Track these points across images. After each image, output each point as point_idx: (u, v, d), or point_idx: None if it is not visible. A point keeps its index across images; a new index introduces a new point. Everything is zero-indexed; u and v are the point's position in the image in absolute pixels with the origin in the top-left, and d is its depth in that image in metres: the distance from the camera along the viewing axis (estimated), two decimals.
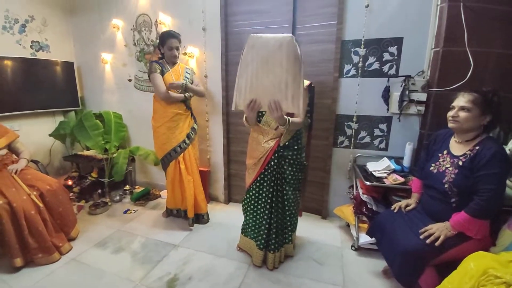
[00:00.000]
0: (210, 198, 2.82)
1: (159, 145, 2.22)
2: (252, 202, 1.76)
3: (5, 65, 2.47)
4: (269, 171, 1.66)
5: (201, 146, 2.74)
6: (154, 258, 1.89)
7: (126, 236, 2.14)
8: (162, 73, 2.11)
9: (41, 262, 1.76)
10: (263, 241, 1.74)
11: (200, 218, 2.34)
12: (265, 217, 1.71)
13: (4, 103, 2.49)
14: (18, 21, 2.60)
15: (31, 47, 2.73)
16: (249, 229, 1.84)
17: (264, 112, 1.68)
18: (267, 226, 1.72)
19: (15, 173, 1.92)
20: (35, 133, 2.79)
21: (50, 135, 2.81)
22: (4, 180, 1.84)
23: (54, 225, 1.89)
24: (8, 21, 2.53)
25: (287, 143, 1.65)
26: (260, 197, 1.72)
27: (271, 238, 1.74)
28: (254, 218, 1.78)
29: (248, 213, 1.82)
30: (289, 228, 1.81)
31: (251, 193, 1.75)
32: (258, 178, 1.70)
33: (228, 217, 2.45)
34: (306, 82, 1.66)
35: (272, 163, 1.65)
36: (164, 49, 2.13)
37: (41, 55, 2.80)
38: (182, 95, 2.15)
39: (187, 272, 1.75)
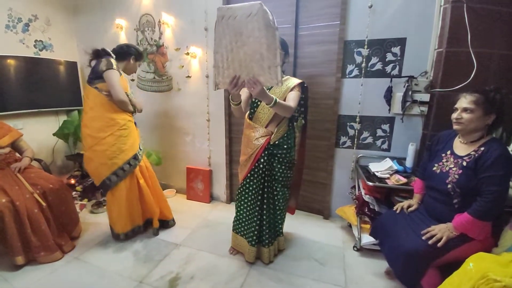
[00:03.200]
0: (212, 197, 2.82)
1: (104, 161, 1.84)
2: (243, 197, 1.78)
3: (9, 64, 2.49)
4: (260, 167, 1.68)
5: (202, 146, 2.75)
6: (156, 257, 1.89)
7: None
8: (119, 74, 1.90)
9: (43, 260, 1.77)
10: (254, 237, 1.75)
11: (166, 224, 2.23)
12: (256, 213, 1.73)
13: (7, 102, 2.51)
14: (22, 20, 2.61)
15: (34, 46, 2.74)
16: (240, 225, 1.85)
17: (256, 109, 1.71)
18: (258, 222, 1.74)
19: (18, 171, 1.93)
20: (38, 132, 2.80)
21: (54, 134, 2.82)
22: (7, 178, 1.85)
23: (57, 224, 1.89)
24: (12, 20, 2.54)
25: (277, 142, 1.67)
26: (250, 193, 1.74)
27: (263, 233, 1.75)
28: (245, 214, 1.79)
29: (239, 208, 1.83)
30: (279, 222, 1.84)
31: (242, 189, 1.78)
32: (249, 174, 1.72)
33: (230, 217, 2.41)
34: (297, 81, 1.66)
35: (262, 160, 1.67)
36: (134, 63, 2.02)
37: (44, 55, 2.81)
38: (131, 106, 1.95)
39: (189, 271, 1.75)
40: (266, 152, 1.67)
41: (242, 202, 1.79)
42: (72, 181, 2.73)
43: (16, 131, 2.12)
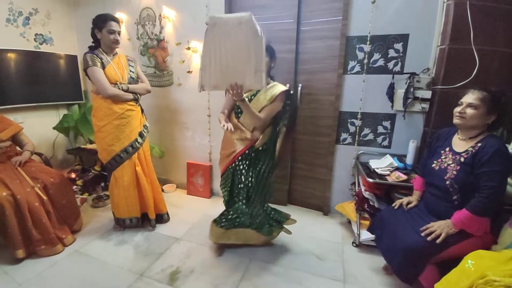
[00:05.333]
0: (212, 193, 2.83)
1: (104, 147, 1.92)
2: (225, 189, 1.80)
3: (9, 58, 2.47)
4: (238, 165, 1.71)
5: (202, 141, 2.75)
6: (156, 250, 1.90)
7: (129, 229, 2.15)
8: (103, 66, 1.83)
9: (44, 253, 1.78)
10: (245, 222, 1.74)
11: (160, 219, 2.23)
12: (240, 202, 1.72)
13: (7, 96, 2.50)
14: (22, 13, 2.59)
15: (35, 40, 2.72)
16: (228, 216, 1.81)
17: (240, 115, 1.71)
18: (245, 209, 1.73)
19: (19, 165, 1.94)
20: (39, 126, 2.79)
21: (54, 128, 2.82)
22: (8, 172, 1.86)
23: (58, 217, 1.90)
24: (12, 13, 2.52)
25: (261, 148, 1.69)
26: (230, 184, 1.76)
27: (252, 219, 1.74)
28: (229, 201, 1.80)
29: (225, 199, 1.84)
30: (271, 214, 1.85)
31: (223, 182, 1.81)
32: (229, 167, 1.75)
33: None
34: (282, 88, 1.64)
35: (241, 158, 1.70)
36: (102, 33, 1.83)
37: (44, 48, 2.79)
38: (131, 94, 1.93)
39: (189, 265, 1.77)
40: (247, 152, 1.69)
41: (226, 193, 1.80)
42: (73, 175, 2.74)
43: (17, 125, 2.12)
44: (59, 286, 1.57)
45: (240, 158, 1.71)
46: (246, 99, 1.51)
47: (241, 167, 1.71)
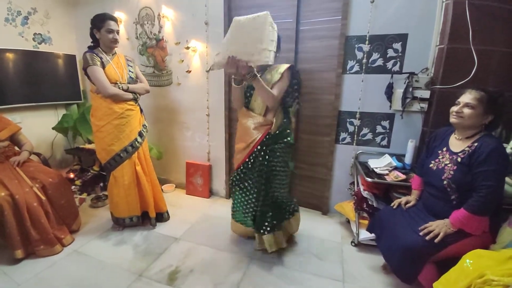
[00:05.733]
0: (211, 193, 2.83)
1: (103, 147, 1.92)
2: (241, 183, 1.82)
3: (8, 58, 2.47)
4: (258, 154, 1.71)
5: (202, 141, 2.75)
6: (155, 250, 1.90)
7: (128, 229, 2.15)
8: (103, 66, 1.83)
9: (43, 253, 1.77)
10: (251, 221, 1.79)
11: (160, 217, 2.23)
12: (254, 199, 1.77)
13: (6, 96, 2.49)
14: (21, 13, 2.58)
15: (33, 39, 2.71)
16: (238, 212, 1.89)
17: (250, 98, 1.75)
18: (255, 208, 1.77)
19: (17, 165, 1.93)
20: (37, 126, 2.79)
21: (53, 128, 2.82)
22: (6, 172, 1.85)
23: (56, 217, 1.90)
24: (11, 13, 2.51)
25: (277, 132, 1.71)
26: (247, 177, 1.77)
27: (262, 219, 1.74)
28: (242, 199, 1.83)
29: (236, 194, 1.86)
30: (284, 202, 1.81)
31: (238, 175, 1.81)
32: (247, 160, 1.75)
33: (229, 212, 2.44)
34: (287, 65, 1.71)
35: (260, 147, 1.70)
36: (101, 33, 1.83)
37: (43, 48, 2.79)
38: (131, 94, 1.94)
39: (189, 264, 1.77)
40: (265, 140, 1.70)
41: (238, 188, 1.83)
42: (71, 175, 2.73)
43: (15, 124, 2.11)
44: (58, 287, 1.56)
45: (259, 147, 1.70)
46: (258, 75, 1.53)
47: (260, 157, 1.71)
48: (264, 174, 1.71)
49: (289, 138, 1.74)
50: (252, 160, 1.74)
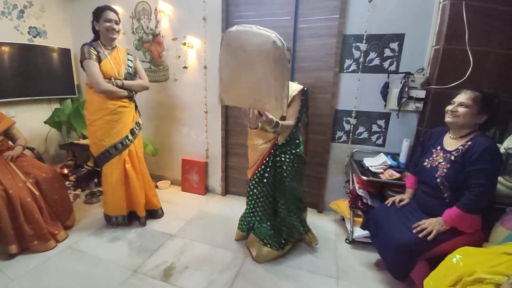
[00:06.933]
0: (207, 190, 2.83)
1: (94, 141, 1.92)
2: (255, 191, 1.78)
3: (2, 51, 2.42)
4: (268, 163, 1.70)
5: (199, 138, 2.74)
6: (150, 247, 1.90)
7: (122, 226, 2.14)
8: (99, 60, 1.81)
9: (37, 249, 1.76)
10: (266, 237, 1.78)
11: (154, 214, 2.22)
12: (267, 207, 1.76)
13: (0, 89, 2.45)
14: (17, 6, 2.54)
15: (28, 33, 2.67)
16: (246, 221, 1.89)
17: None
18: (269, 220, 1.77)
19: (11, 160, 1.91)
20: (31, 120, 2.75)
21: (45, 122, 2.78)
22: (0, 166, 1.82)
23: (50, 213, 1.88)
24: (7, 6, 2.47)
25: (285, 141, 1.69)
26: (262, 184, 1.74)
27: (276, 234, 1.78)
28: (253, 209, 1.81)
29: (251, 203, 1.83)
30: (294, 219, 1.81)
31: (252, 184, 1.78)
32: (259, 169, 1.74)
33: (225, 209, 2.47)
34: (299, 87, 1.67)
35: (270, 157, 1.70)
36: (100, 23, 1.81)
37: (38, 41, 2.74)
38: (125, 91, 1.89)
39: (184, 261, 1.77)
40: (273, 151, 1.70)
41: (254, 196, 1.79)
42: (65, 171, 2.70)
43: (9, 118, 2.09)
44: (52, 282, 1.56)
45: (267, 159, 1.70)
46: (279, 123, 1.47)
47: (269, 168, 1.71)
48: (271, 183, 1.72)
49: (298, 150, 1.71)
50: (261, 172, 1.72)
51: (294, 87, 1.66)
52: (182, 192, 2.82)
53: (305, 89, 1.73)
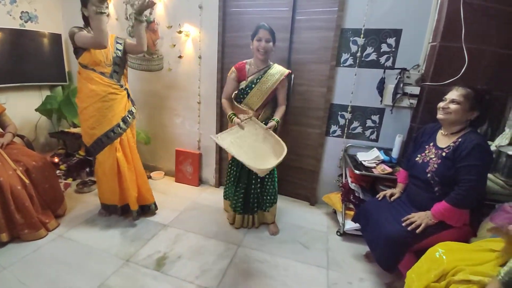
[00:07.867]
0: (201, 181, 2.83)
1: (86, 130, 1.89)
2: (233, 169, 2.05)
3: None
4: None
5: (192, 129, 2.72)
6: (143, 236, 1.90)
7: (115, 215, 2.13)
8: None
9: (28, 238, 1.74)
10: (240, 206, 2.00)
11: (146, 209, 2.13)
12: (241, 183, 1.97)
13: None
14: None
15: (20, 17, 2.60)
16: (229, 194, 2.15)
17: (245, 96, 1.89)
18: (243, 191, 1.98)
19: (1, 147, 1.86)
20: (21, 107, 2.68)
21: (36, 109, 2.71)
22: None
23: (41, 202, 1.86)
24: None
25: (264, 122, 1.86)
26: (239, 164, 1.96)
27: (248, 203, 2.01)
28: (233, 185, 2.05)
29: (228, 181, 2.13)
30: (268, 198, 2.01)
31: (231, 163, 2.04)
32: None
33: (218, 201, 2.46)
34: (285, 71, 1.87)
35: None
36: (88, 8, 1.69)
37: (29, 26, 2.66)
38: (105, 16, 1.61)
39: (177, 251, 1.78)
40: None
41: (231, 176, 2.07)
42: (56, 160, 2.66)
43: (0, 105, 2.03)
44: (43, 271, 1.55)
45: None
46: (278, 120, 1.86)
47: None
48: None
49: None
50: None
51: (281, 71, 1.86)
52: (175, 183, 2.81)
53: (291, 73, 1.89)
